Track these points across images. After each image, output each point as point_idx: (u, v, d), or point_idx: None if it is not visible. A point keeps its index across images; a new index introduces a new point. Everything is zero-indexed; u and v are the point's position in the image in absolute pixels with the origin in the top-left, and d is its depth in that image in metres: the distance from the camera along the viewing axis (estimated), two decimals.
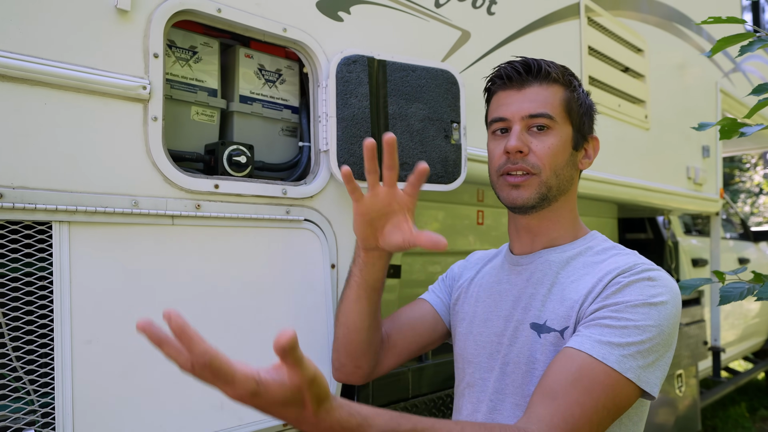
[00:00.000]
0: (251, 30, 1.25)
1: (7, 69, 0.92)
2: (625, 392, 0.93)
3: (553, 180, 1.07)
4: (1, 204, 0.91)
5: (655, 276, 1.00)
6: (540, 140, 1.07)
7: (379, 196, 1.00)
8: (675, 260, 3.59)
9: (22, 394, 0.97)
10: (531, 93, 1.08)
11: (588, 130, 1.14)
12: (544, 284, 1.09)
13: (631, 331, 0.94)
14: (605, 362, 0.92)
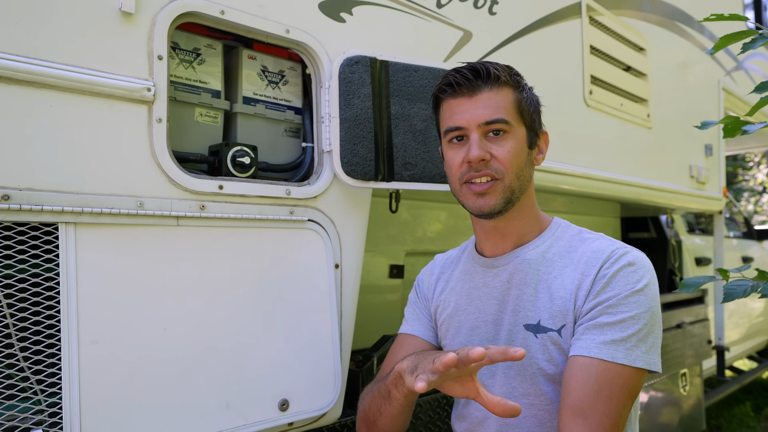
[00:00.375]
0: (254, 31, 1.25)
1: (14, 72, 0.93)
2: (638, 381, 1.00)
3: (516, 182, 1.09)
4: (8, 206, 0.92)
5: (633, 259, 1.05)
6: (499, 145, 1.07)
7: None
8: (678, 259, 3.59)
9: (30, 395, 0.97)
10: (483, 99, 1.07)
11: (538, 126, 1.16)
12: (528, 284, 1.10)
13: (628, 324, 1.00)
14: (615, 361, 0.98)
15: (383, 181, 1.38)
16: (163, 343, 1.08)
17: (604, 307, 1.02)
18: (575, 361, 1.01)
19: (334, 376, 1.33)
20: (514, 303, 1.11)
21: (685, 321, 3.05)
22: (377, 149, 1.36)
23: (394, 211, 1.51)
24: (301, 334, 1.28)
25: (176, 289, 1.10)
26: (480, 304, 1.16)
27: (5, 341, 0.96)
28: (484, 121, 1.06)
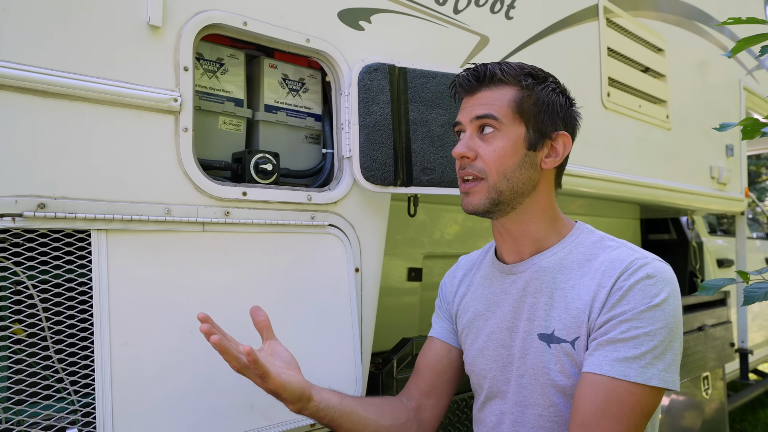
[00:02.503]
0: (275, 41, 1.29)
1: (49, 85, 0.97)
2: (653, 399, 0.96)
3: (503, 184, 1.06)
4: (44, 213, 0.96)
5: (652, 271, 1.01)
6: (487, 143, 1.07)
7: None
8: (699, 261, 3.55)
9: (65, 395, 1.01)
10: (481, 97, 1.09)
11: (551, 127, 1.09)
12: (544, 293, 1.08)
13: (642, 340, 0.96)
14: (627, 379, 0.95)
15: (402, 186, 1.40)
16: (189, 346, 1.11)
17: (618, 321, 0.98)
18: (585, 378, 0.98)
19: (355, 377, 1.35)
20: (529, 311, 1.09)
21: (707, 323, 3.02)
22: (396, 155, 1.39)
23: (413, 215, 1.53)
24: (323, 337, 1.31)
25: (202, 293, 1.14)
26: (497, 310, 1.16)
27: (41, 344, 1.00)
28: (474, 116, 1.08)
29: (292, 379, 1.01)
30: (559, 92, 1.12)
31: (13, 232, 0.97)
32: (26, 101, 0.96)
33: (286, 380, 0.99)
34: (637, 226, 3.63)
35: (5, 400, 0.96)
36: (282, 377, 0.98)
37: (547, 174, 1.12)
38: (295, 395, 1.00)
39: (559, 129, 1.10)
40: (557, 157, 1.11)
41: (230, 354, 0.93)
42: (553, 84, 1.12)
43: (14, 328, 0.98)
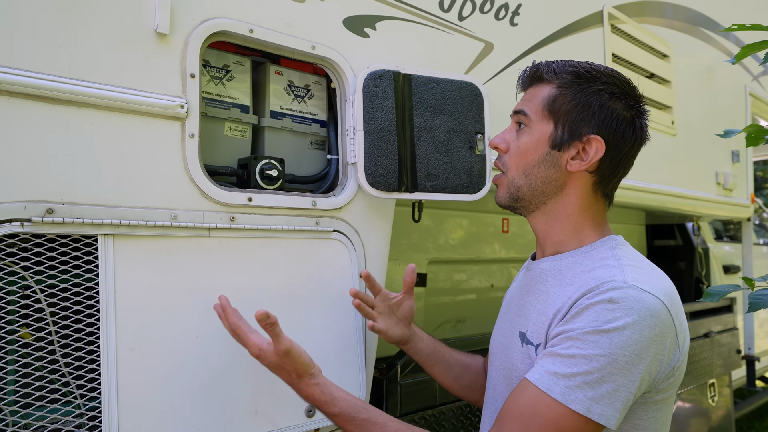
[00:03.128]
0: (281, 48, 1.30)
1: (57, 92, 0.98)
2: (572, 425, 0.90)
3: (521, 179, 1.07)
4: (51, 219, 0.97)
5: (618, 297, 0.92)
6: (517, 138, 1.10)
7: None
8: (705, 267, 3.53)
9: (71, 399, 1.02)
10: (527, 94, 1.13)
11: (585, 128, 1.04)
12: (535, 293, 1.09)
13: (578, 361, 0.91)
14: (549, 393, 0.91)
15: (406, 191, 1.41)
16: (195, 350, 1.12)
17: (564, 337, 0.94)
18: (521, 381, 0.97)
19: (359, 383, 1.36)
20: (523, 307, 1.11)
21: (713, 330, 3.00)
22: (400, 161, 1.39)
23: (417, 220, 1.54)
24: (327, 342, 1.31)
25: (208, 298, 1.15)
26: (511, 302, 1.19)
27: (48, 348, 1.01)
28: (513, 111, 1.13)
29: (303, 351, 1.06)
30: (608, 94, 1.05)
31: (22, 237, 0.98)
32: (35, 108, 0.97)
33: (298, 348, 1.05)
34: (643, 231, 3.62)
35: (13, 404, 0.96)
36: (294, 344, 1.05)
37: (577, 177, 1.07)
38: (303, 365, 1.04)
39: (592, 132, 1.04)
40: (585, 161, 1.05)
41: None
42: (603, 85, 1.05)
43: (22, 332, 0.99)
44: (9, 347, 0.97)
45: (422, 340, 1.36)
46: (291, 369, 1.04)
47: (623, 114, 1.06)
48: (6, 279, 0.97)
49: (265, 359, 1.04)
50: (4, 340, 0.96)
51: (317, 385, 1.05)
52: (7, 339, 0.97)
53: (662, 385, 0.97)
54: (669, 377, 0.97)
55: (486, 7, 1.73)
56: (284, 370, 1.05)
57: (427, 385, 1.72)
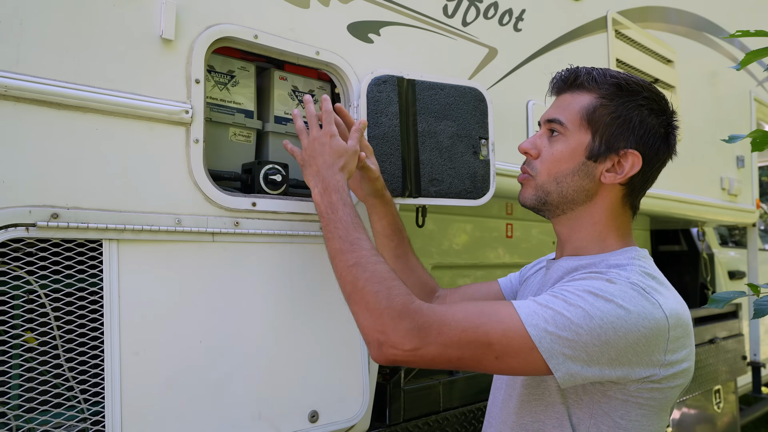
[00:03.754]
0: (286, 54, 1.30)
1: (63, 98, 0.99)
2: (517, 341, 0.88)
3: (552, 186, 1.08)
4: (56, 224, 0.97)
5: (618, 281, 0.93)
6: (549, 145, 1.09)
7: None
8: (710, 273, 3.52)
9: (75, 404, 1.02)
10: (560, 100, 1.12)
11: (623, 142, 1.04)
12: (547, 288, 1.08)
13: (557, 301, 0.91)
14: (516, 310, 0.91)
15: (410, 197, 1.41)
16: (198, 355, 1.12)
17: (555, 287, 0.96)
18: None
19: (363, 388, 1.35)
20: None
21: (718, 336, 2.99)
22: (404, 166, 1.40)
23: (421, 225, 1.54)
24: (331, 347, 1.31)
25: (211, 302, 1.15)
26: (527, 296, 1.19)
27: (52, 352, 1.01)
28: (546, 118, 1.11)
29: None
30: (648, 110, 1.05)
31: (27, 241, 0.98)
32: (41, 113, 0.97)
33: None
34: (647, 237, 3.61)
35: (16, 408, 0.97)
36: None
37: (609, 189, 1.07)
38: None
39: (630, 146, 1.05)
40: (620, 174, 1.05)
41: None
42: (644, 100, 1.05)
43: (26, 337, 0.99)
44: (13, 351, 0.98)
45: (388, 214, 1.34)
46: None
47: (659, 130, 1.07)
48: (11, 283, 0.98)
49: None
50: (8, 345, 0.97)
51: (344, 189, 1.10)
52: (12, 343, 0.97)
53: (646, 386, 0.95)
54: (657, 382, 0.95)
55: (490, 12, 1.74)
56: (329, 151, 1.13)
57: (430, 390, 1.71)
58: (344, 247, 1.02)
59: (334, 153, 1.14)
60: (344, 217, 1.06)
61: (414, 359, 0.91)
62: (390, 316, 0.91)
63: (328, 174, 1.11)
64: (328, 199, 1.08)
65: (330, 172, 1.12)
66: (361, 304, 0.95)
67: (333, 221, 1.06)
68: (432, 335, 0.90)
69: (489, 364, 0.91)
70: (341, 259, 1.01)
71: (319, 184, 1.11)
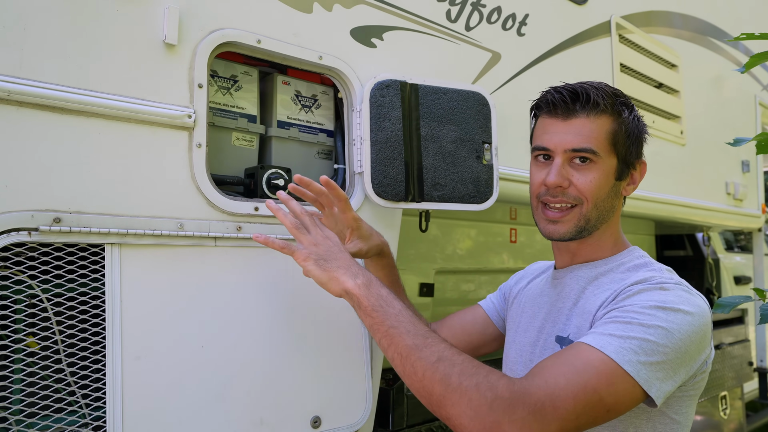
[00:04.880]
0: (289, 59, 1.30)
1: (66, 102, 0.99)
2: (622, 385, 0.86)
3: (594, 212, 1.07)
4: (59, 228, 0.97)
5: (669, 286, 0.96)
6: (582, 174, 1.06)
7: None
8: (716, 278, 3.50)
9: (76, 408, 1.02)
10: (576, 125, 1.05)
11: (635, 156, 1.11)
12: (570, 298, 1.10)
13: (635, 327, 0.90)
14: (603, 350, 0.88)
15: (413, 201, 1.41)
16: (200, 360, 1.12)
17: (618, 310, 0.94)
18: (569, 345, 0.94)
19: (365, 394, 1.35)
20: (556, 314, 1.11)
21: (724, 342, 2.97)
22: (407, 170, 1.39)
23: (424, 230, 1.53)
24: (333, 352, 1.31)
25: (213, 307, 1.14)
26: (536, 309, 1.19)
27: (54, 356, 1.01)
28: (571, 147, 1.05)
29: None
30: (638, 119, 1.11)
31: (29, 245, 0.98)
32: (45, 118, 0.98)
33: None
34: (652, 242, 3.60)
35: (18, 412, 0.96)
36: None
37: (621, 199, 1.14)
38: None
39: (641, 157, 1.12)
40: (635, 184, 1.13)
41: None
42: (636, 111, 1.12)
43: (28, 341, 0.99)
44: (15, 356, 0.97)
45: (386, 266, 1.30)
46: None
47: (646, 134, 1.14)
48: (13, 288, 0.97)
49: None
50: (10, 349, 0.96)
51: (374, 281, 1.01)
52: (14, 348, 0.97)
53: (697, 379, 1.00)
54: (703, 372, 1.01)
55: (493, 17, 1.74)
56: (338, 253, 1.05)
57: None
58: (419, 342, 0.91)
59: (349, 257, 1.06)
60: (402, 309, 0.97)
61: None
62: (501, 408, 0.83)
63: (363, 271, 1.03)
64: (376, 292, 0.98)
65: (362, 269, 1.03)
66: (462, 404, 0.85)
67: (393, 315, 0.95)
68: (548, 414, 0.83)
69: (602, 420, 0.88)
70: (420, 356, 0.90)
71: (360, 277, 1.00)
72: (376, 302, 0.97)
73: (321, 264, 1.03)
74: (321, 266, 1.03)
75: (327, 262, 1.03)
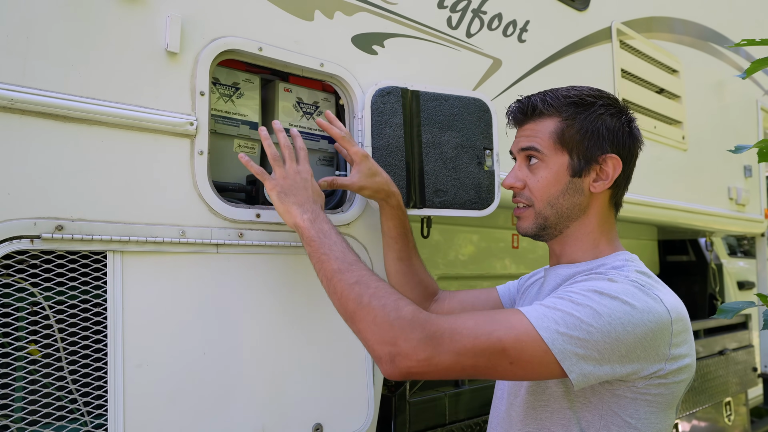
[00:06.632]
0: (290, 66, 1.31)
1: (69, 110, 0.99)
2: (531, 345, 0.88)
3: (548, 210, 1.11)
4: (61, 235, 0.98)
5: (618, 279, 0.96)
6: (533, 174, 1.12)
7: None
8: (719, 283, 3.49)
9: (78, 416, 1.02)
10: (526, 129, 1.14)
11: (597, 151, 1.10)
12: (544, 294, 1.12)
13: (564, 302, 0.92)
14: (526, 315, 0.91)
15: (415, 207, 1.41)
16: (202, 367, 1.12)
17: (559, 290, 0.98)
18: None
19: (367, 401, 1.34)
20: None
21: (727, 347, 2.95)
22: (409, 177, 1.39)
23: (426, 236, 1.53)
24: (335, 359, 1.30)
25: (215, 314, 1.14)
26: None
27: (56, 364, 1.01)
28: (520, 147, 1.14)
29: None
30: (608, 115, 1.11)
31: (31, 253, 0.98)
32: (47, 126, 0.98)
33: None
34: (655, 247, 3.59)
35: (20, 420, 0.96)
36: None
37: (599, 197, 1.12)
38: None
39: (606, 152, 1.10)
40: (606, 180, 1.11)
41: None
42: (602, 108, 1.11)
43: (30, 348, 0.99)
44: (17, 363, 0.97)
45: (395, 216, 1.34)
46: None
47: (624, 129, 1.13)
48: (15, 295, 0.98)
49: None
50: (12, 356, 0.96)
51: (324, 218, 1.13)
52: (16, 355, 0.97)
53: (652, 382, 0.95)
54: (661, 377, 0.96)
55: (494, 24, 1.74)
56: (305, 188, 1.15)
57: (436, 402, 1.70)
58: (343, 267, 1.02)
59: (315, 193, 1.17)
60: (338, 241, 1.07)
61: (428, 369, 0.89)
62: (400, 326, 0.90)
63: (314, 207, 1.13)
64: (319, 227, 1.09)
65: (316, 206, 1.14)
66: (368, 320, 0.94)
67: (327, 245, 1.06)
68: (445, 343, 0.89)
69: (504, 371, 0.91)
70: (341, 278, 1.00)
71: (308, 213, 1.11)
72: (316, 234, 1.08)
73: (281, 197, 1.14)
74: (281, 199, 1.14)
75: (287, 196, 1.14)
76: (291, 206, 1.13)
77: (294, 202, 1.13)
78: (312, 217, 1.11)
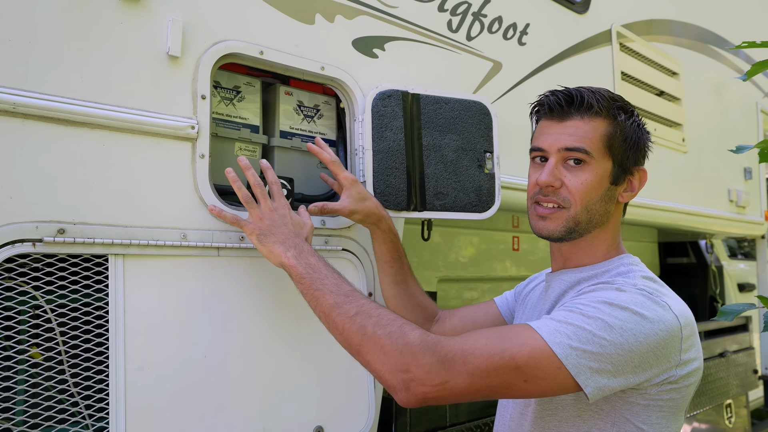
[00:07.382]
0: (291, 69, 1.31)
1: (71, 114, 0.99)
2: (544, 362, 0.87)
3: (584, 215, 1.06)
4: (63, 239, 0.98)
5: (627, 288, 0.95)
6: (574, 175, 1.06)
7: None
8: (720, 285, 3.49)
9: (79, 419, 1.02)
10: (571, 126, 1.07)
11: (633, 162, 1.09)
12: (550, 301, 1.11)
13: (575, 316, 0.91)
14: (537, 330, 0.90)
15: (415, 210, 1.41)
16: (203, 370, 1.12)
17: (568, 302, 0.97)
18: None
19: (368, 403, 1.34)
20: (539, 316, 1.13)
21: (728, 349, 2.95)
22: (409, 180, 1.40)
23: (426, 239, 1.53)
24: (336, 362, 1.30)
25: (216, 317, 1.15)
26: (531, 313, 1.20)
27: (57, 367, 1.01)
28: (564, 146, 1.06)
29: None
30: (639, 126, 1.10)
31: (33, 256, 0.98)
32: (49, 130, 0.98)
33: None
34: (655, 249, 3.59)
35: (21, 424, 0.96)
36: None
37: (620, 206, 1.12)
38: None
39: (640, 164, 1.11)
40: (633, 191, 1.11)
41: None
42: (637, 118, 1.10)
43: (32, 352, 0.99)
44: (19, 367, 0.98)
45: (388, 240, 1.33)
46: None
47: (648, 141, 1.13)
48: (17, 298, 0.98)
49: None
50: (14, 360, 0.97)
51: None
52: (17, 358, 0.97)
53: (664, 388, 0.96)
54: (672, 383, 0.96)
55: (494, 27, 1.74)
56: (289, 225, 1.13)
57: (436, 406, 1.70)
58: (339, 300, 0.99)
59: (296, 225, 1.14)
60: (329, 273, 1.04)
61: (444, 393, 0.87)
62: (410, 352, 0.87)
63: (297, 241, 1.10)
64: (305, 261, 1.06)
65: (298, 240, 1.11)
66: (376, 350, 0.91)
67: (318, 279, 1.03)
68: (458, 365, 0.86)
69: (518, 389, 0.89)
70: (339, 312, 0.97)
71: (291, 249, 1.08)
72: (305, 270, 1.05)
73: (262, 239, 1.11)
74: (262, 241, 1.11)
75: (266, 237, 1.10)
76: (273, 246, 1.09)
77: (275, 242, 1.09)
78: (296, 253, 1.07)
